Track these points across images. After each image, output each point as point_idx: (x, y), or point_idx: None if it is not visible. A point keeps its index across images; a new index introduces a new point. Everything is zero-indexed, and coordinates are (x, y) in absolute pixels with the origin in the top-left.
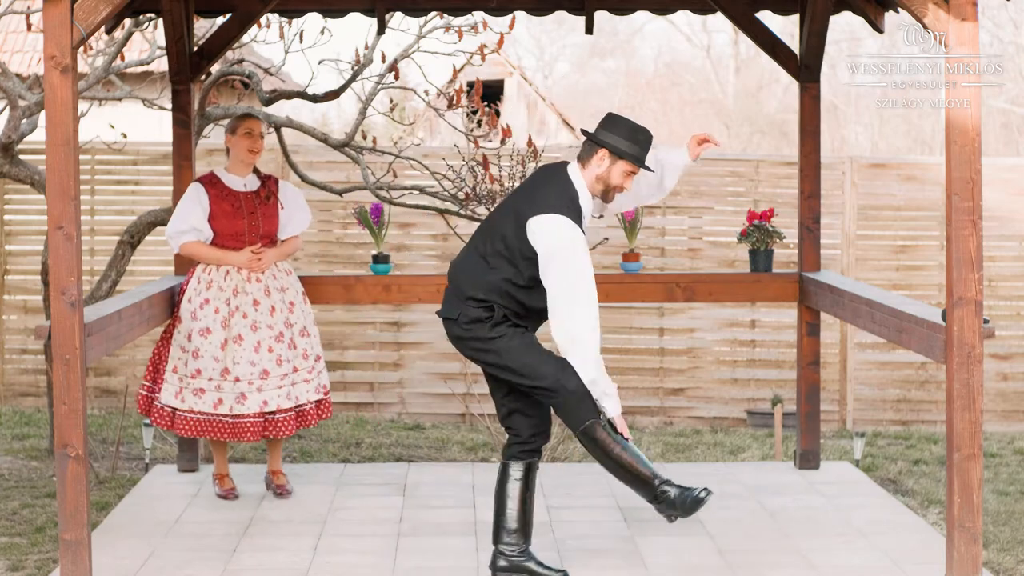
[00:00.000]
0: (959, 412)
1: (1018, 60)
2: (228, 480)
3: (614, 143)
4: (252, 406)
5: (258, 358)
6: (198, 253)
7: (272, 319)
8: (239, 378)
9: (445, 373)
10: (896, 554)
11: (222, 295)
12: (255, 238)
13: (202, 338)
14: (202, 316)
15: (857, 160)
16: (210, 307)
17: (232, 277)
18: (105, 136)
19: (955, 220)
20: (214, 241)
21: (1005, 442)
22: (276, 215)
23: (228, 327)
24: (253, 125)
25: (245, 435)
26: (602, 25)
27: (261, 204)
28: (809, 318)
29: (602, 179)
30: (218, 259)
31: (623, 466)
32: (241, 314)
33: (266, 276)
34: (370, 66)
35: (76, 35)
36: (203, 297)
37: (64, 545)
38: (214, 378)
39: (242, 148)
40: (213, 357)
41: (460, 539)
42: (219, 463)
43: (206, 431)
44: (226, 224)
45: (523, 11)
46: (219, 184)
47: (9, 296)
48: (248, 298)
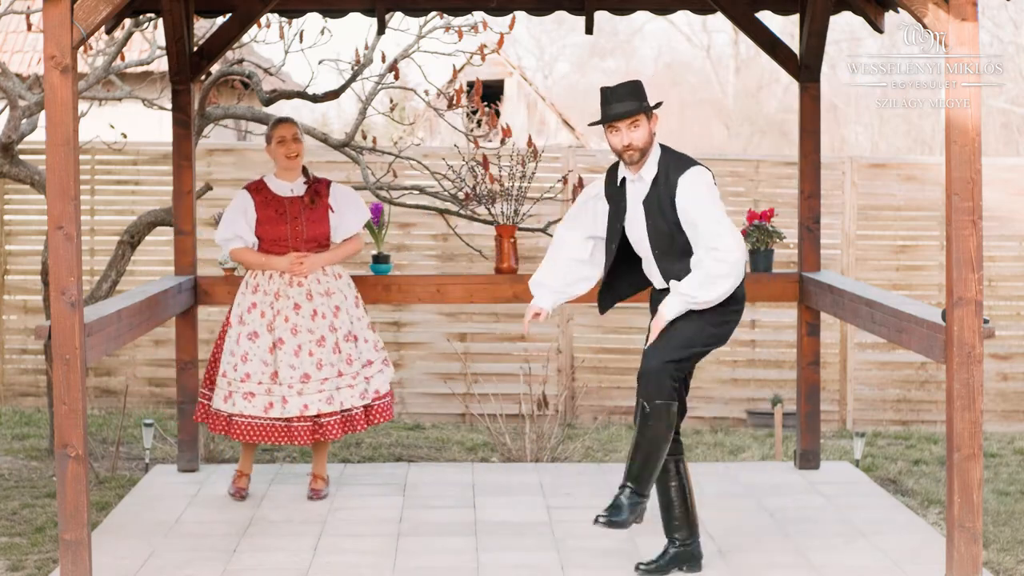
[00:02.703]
0: (959, 412)
1: (1018, 60)
2: (245, 479)
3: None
4: (292, 409)
5: (298, 362)
6: (244, 258)
7: (313, 323)
8: (281, 382)
9: (445, 373)
10: (896, 554)
11: (267, 299)
12: (299, 243)
13: (250, 342)
14: (249, 320)
15: (857, 160)
16: (256, 311)
17: (275, 281)
18: (105, 136)
19: (955, 220)
20: (260, 247)
21: (1005, 442)
22: (324, 219)
23: (272, 331)
24: (284, 132)
25: (296, 438)
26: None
27: (306, 208)
28: (809, 318)
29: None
30: (262, 264)
31: (655, 458)
32: (283, 318)
33: (309, 280)
34: (370, 66)
35: (76, 35)
36: (250, 301)
37: (64, 545)
38: (264, 382)
39: (280, 156)
40: (262, 361)
41: (460, 539)
42: (244, 462)
43: (261, 435)
44: (269, 230)
45: (523, 11)
46: (265, 190)
47: (9, 296)
48: (289, 302)
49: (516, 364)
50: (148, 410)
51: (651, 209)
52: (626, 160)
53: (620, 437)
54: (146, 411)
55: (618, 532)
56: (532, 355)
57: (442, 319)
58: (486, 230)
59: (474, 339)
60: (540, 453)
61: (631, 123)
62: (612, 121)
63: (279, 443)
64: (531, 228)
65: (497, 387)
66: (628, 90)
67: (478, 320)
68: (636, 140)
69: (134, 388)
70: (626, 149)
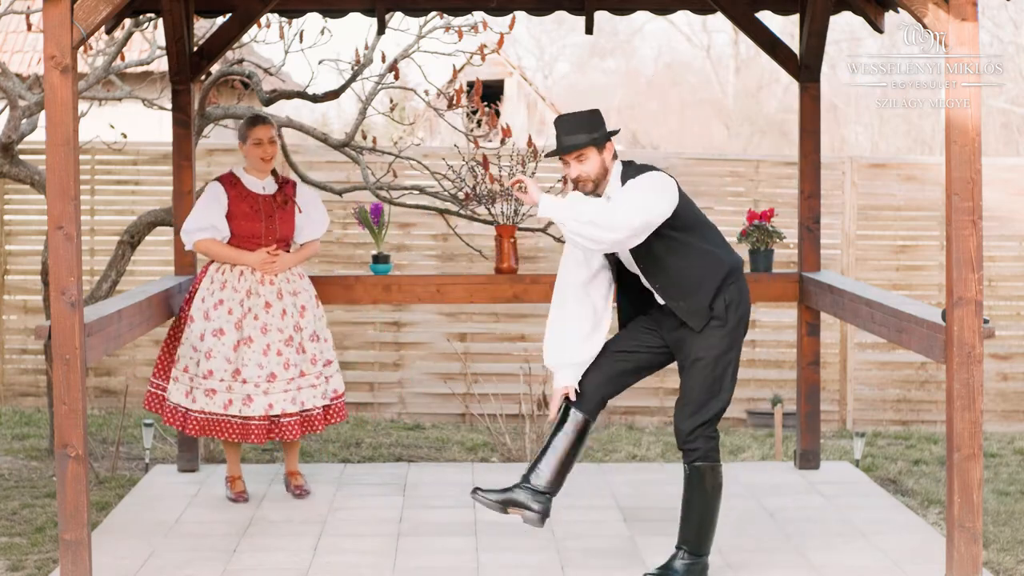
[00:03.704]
0: (959, 412)
1: (1018, 60)
2: (240, 483)
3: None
4: (257, 409)
5: (266, 361)
6: (213, 251)
7: (282, 323)
8: (246, 380)
9: (445, 373)
10: (896, 554)
11: (236, 296)
12: (271, 241)
13: (215, 339)
14: (215, 317)
15: (857, 160)
16: (224, 308)
17: (246, 278)
18: (105, 136)
19: (955, 220)
20: (230, 241)
21: (1005, 442)
22: (293, 219)
23: (240, 328)
24: (261, 134)
25: (251, 436)
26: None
27: (278, 208)
28: (809, 318)
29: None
30: (233, 258)
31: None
32: (252, 316)
33: (279, 279)
34: (370, 66)
35: (76, 35)
36: (217, 298)
37: (64, 545)
38: (225, 379)
39: (254, 157)
40: (225, 358)
41: (460, 539)
42: (232, 465)
43: (215, 431)
44: (244, 225)
45: (523, 11)
46: (239, 185)
47: (9, 296)
48: (260, 300)
49: (516, 364)
50: (148, 410)
51: None
52: (581, 191)
53: (620, 437)
54: (146, 411)
55: (618, 532)
56: (532, 355)
57: (442, 319)
58: (486, 230)
59: (474, 339)
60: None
61: (577, 156)
62: (558, 155)
63: (233, 440)
64: (531, 228)
65: (497, 387)
66: (578, 122)
67: (478, 320)
68: (584, 172)
69: (134, 388)
70: (577, 180)
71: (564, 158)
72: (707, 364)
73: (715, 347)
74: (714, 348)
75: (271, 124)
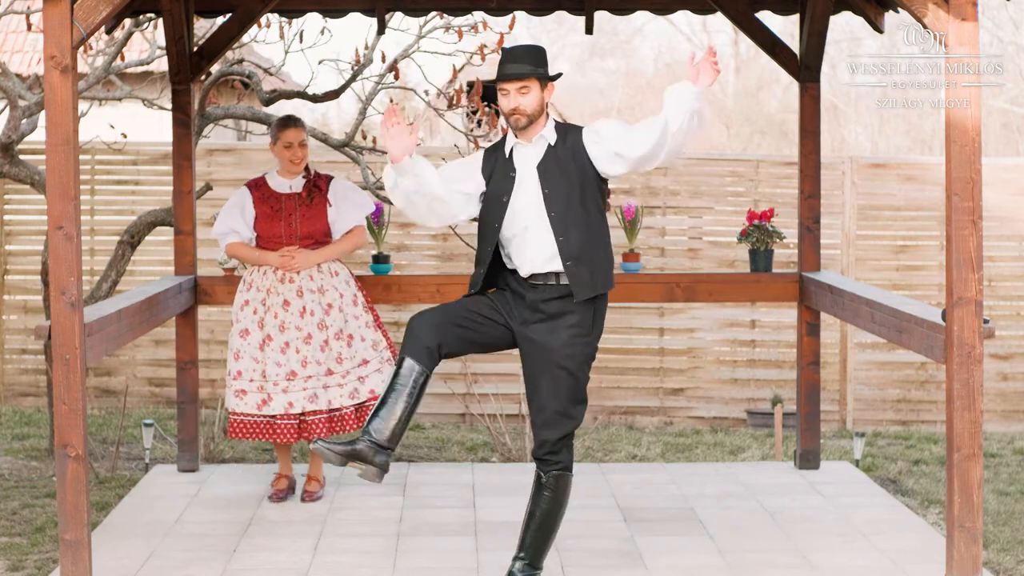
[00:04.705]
0: (959, 412)
1: (1018, 60)
2: (284, 480)
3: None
4: (277, 407)
5: (284, 359)
6: (240, 253)
7: (302, 320)
8: (268, 378)
9: (445, 373)
10: (896, 554)
11: (259, 296)
12: (293, 240)
13: (242, 339)
14: (242, 317)
15: (857, 160)
16: (249, 308)
17: (268, 278)
18: (105, 136)
19: (955, 220)
20: (257, 243)
21: (1005, 442)
22: (322, 215)
23: (263, 327)
24: (291, 137)
25: (279, 435)
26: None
27: (303, 205)
28: (809, 318)
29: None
30: (256, 259)
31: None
32: (272, 314)
33: (301, 277)
34: (370, 66)
35: (76, 35)
36: (244, 299)
37: (64, 545)
38: (255, 379)
39: (284, 159)
40: (252, 358)
41: (460, 539)
42: (282, 463)
43: (249, 432)
44: (265, 226)
45: (523, 11)
46: (264, 187)
47: (9, 296)
48: (279, 299)
49: (516, 364)
50: (148, 410)
51: (548, 172)
52: (512, 124)
53: (620, 437)
54: (146, 411)
55: (618, 532)
56: None
57: None
58: None
59: None
60: None
61: (521, 87)
62: (502, 82)
63: (264, 440)
64: None
65: (497, 387)
66: (526, 53)
67: None
68: (524, 105)
69: (134, 388)
70: (512, 112)
71: (504, 87)
72: (571, 374)
73: (578, 356)
74: (577, 357)
75: (302, 127)
